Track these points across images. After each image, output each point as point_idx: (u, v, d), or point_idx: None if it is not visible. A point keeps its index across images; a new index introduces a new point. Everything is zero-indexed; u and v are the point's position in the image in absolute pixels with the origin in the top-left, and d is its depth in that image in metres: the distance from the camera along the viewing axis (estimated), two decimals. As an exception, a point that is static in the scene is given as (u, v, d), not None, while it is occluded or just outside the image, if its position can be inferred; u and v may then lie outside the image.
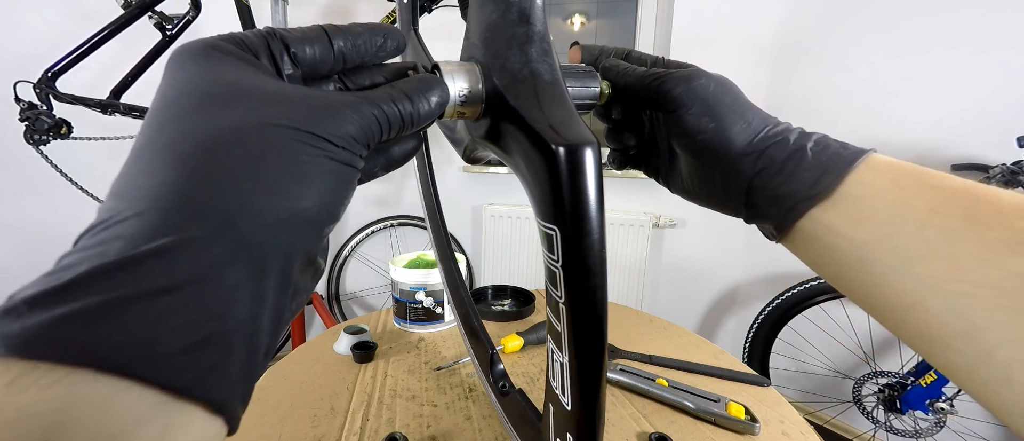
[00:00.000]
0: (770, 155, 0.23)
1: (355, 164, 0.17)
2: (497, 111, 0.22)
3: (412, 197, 1.80)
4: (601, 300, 0.20)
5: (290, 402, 0.50)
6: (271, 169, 0.14)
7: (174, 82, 0.15)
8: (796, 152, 0.23)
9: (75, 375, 0.10)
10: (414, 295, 0.67)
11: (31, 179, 1.26)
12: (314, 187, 0.15)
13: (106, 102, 1.05)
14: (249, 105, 0.15)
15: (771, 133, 0.24)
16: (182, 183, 0.13)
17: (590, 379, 0.21)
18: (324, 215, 0.16)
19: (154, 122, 0.15)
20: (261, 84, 0.16)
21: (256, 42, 0.17)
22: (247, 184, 0.14)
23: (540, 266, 1.67)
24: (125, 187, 0.14)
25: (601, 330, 0.20)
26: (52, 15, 1.25)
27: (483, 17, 0.23)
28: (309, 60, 0.18)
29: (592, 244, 0.19)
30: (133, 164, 0.14)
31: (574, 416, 0.22)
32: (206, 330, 0.12)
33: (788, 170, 0.23)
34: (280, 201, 0.14)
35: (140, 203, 0.13)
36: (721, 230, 1.60)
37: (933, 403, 1.10)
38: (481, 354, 0.40)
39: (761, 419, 0.47)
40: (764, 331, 1.36)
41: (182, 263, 0.12)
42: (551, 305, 0.22)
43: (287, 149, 0.15)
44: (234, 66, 0.16)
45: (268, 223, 0.14)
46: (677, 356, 0.61)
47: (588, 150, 0.18)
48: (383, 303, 1.87)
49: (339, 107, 0.16)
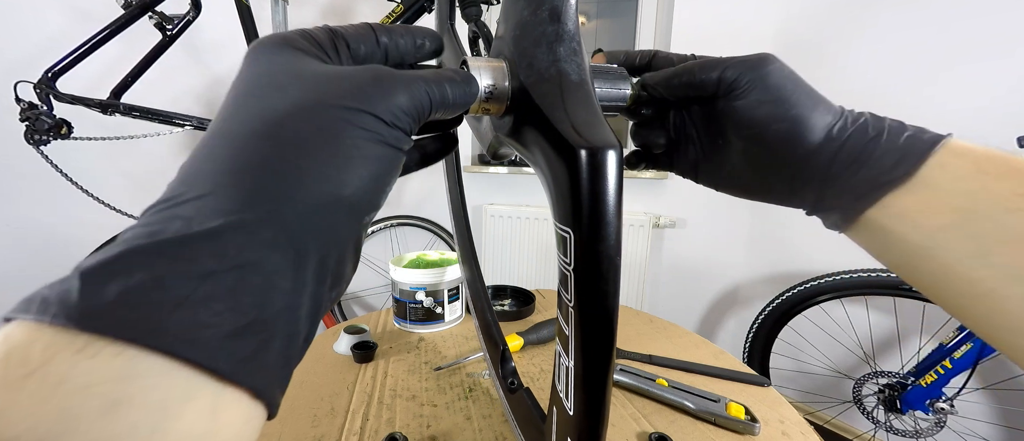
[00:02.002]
0: (850, 144, 0.22)
1: (402, 145, 0.17)
2: (521, 109, 0.22)
3: (412, 197, 1.80)
4: (611, 307, 0.19)
5: (290, 402, 0.50)
6: (316, 153, 0.15)
7: (244, 75, 0.17)
8: (874, 138, 0.21)
9: (130, 351, 0.11)
10: (414, 295, 0.67)
11: (31, 179, 1.26)
12: (356, 172, 0.15)
13: (106, 102, 1.05)
14: (304, 86, 0.15)
15: (850, 121, 0.23)
16: (237, 168, 0.14)
17: (594, 386, 0.21)
18: (365, 202, 0.16)
19: (224, 111, 0.16)
20: (321, 68, 0.17)
21: (322, 36, 0.18)
22: (292, 169, 0.14)
23: (540, 266, 1.68)
24: (191, 171, 0.14)
25: (609, 338, 0.20)
26: (52, 15, 1.25)
27: (514, 14, 0.23)
28: (361, 56, 0.19)
29: (606, 250, 0.18)
30: (201, 149, 0.15)
31: (577, 422, 0.22)
32: (248, 317, 0.12)
33: (864, 157, 0.21)
34: (322, 186, 0.14)
35: (201, 186, 0.13)
36: (721, 230, 1.60)
37: (933, 403, 1.10)
38: (492, 350, 0.41)
39: (761, 419, 0.47)
40: (764, 331, 1.36)
41: (230, 247, 0.12)
42: (561, 308, 0.22)
43: (334, 131, 0.15)
44: (301, 57, 0.17)
45: (309, 209, 0.14)
46: (677, 356, 0.61)
47: (610, 153, 0.18)
48: (383, 303, 1.87)
49: (391, 80, 0.17)
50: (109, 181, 1.28)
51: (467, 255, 0.46)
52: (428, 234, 1.78)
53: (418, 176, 1.78)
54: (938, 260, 0.19)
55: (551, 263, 1.68)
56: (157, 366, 0.11)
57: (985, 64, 1.09)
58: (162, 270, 0.12)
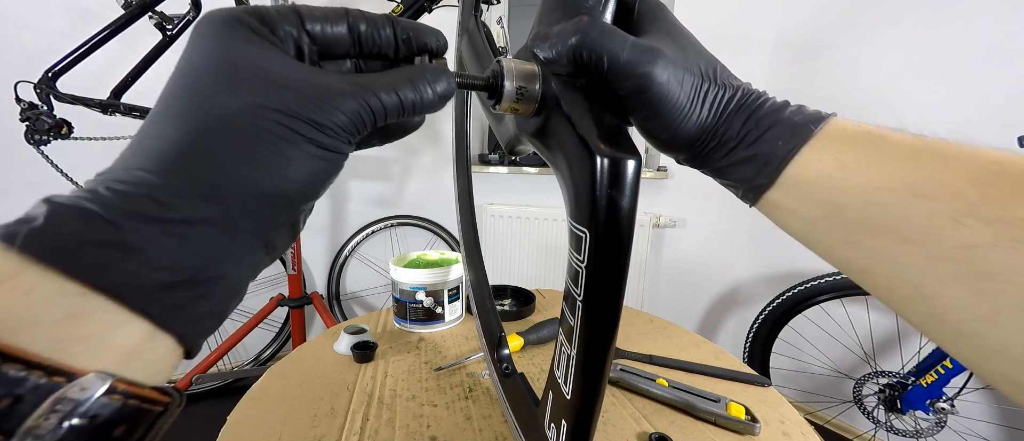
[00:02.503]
0: (721, 143, 0.22)
1: (341, 151, 0.18)
2: (549, 113, 0.23)
3: (412, 197, 1.80)
4: (617, 303, 0.21)
5: (290, 402, 0.50)
6: (260, 149, 0.16)
7: (192, 56, 0.17)
8: (738, 143, 0.22)
9: (84, 290, 0.13)
10: (414, 295, 0.67)
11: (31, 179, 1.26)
12: (298, 169, 0.17)
13: (106, 102, 1.05)
14: (252, 87, 0.16)
15: (720, 113, 0.22)
16: (183, 151, 0.15)
17: (593, 374, 0.22)
18: (302, 195, 0.18)
19: (170, 91, 0.17)
20: (268, 64, 0.17)
21: (274, 18, 0.18)
22: (236, 160, 0.16)
23: (540, 266, 1.68)
24: (141, 146, 0.16)
25: (612, 331, 0.22)
26: (52, 15, 1.25)
27: (550, 20, 0.24)
28: (324, 39, 0.19)
29: (618, 251, 0.20)
30: (150, 125, 0.16)
31: (573, 405, 0.24)
32: (183, 275, 0.15)
33: (733, 157, 0.22)
34: (264, 178, 0.16)
35: (149, 161, 0.15)
36: (721, 230, 1.60)
37: (934, 403, 1.10)
38: (490, 336, 0.42)
39: (761, 419, 0.47)
40: (764, 331, 1.36)
41: (176, 218, 0.15)
42: (568, 301, 0.23)
43: (277, 133, 0.16)
44: (248, 43, 0.17)
45: (250, 195, 0.16)
46: (677, 356, 0.61)
47: (630, 163, 0.19)
48: (383, 303, 1.87)
49: (333, 95, 0.17)
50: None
51: (469, 239, 0.47)
52: (428, 234, 1.78)
53: (418, 176, 1.78)
54: (816, 247, 0.21)
55: (551, 263, 1.68)
56: (104, 299, 0.13)
57: (986, 64, 1.09)
58: (120, 225, 0.14)
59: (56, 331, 0.13)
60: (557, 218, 1.63)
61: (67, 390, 0.12)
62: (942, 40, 1.14)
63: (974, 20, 1.09)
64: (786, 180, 0.21)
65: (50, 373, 0.12)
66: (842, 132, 0.20)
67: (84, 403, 0.12)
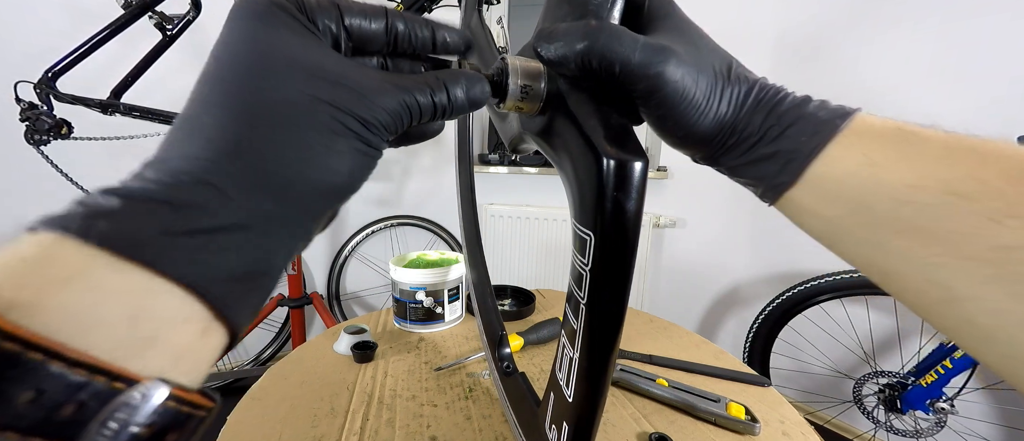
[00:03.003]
0: (742, 140, 0.22)
1: (380, 148, 0.19)
2: (555, 112, 0.23)
3: (412, 197, 1.80)
4: (621, 307, 0.20)
5: (290, 402, 0.50)
6: (314, 142, 0.16)
7: (229, 42, 0.17)
8: (759, 140, 0.21)
9: (152, 275, 0.13)
10: (414, 295, 0.67)
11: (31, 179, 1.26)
12: (346, 164, 0.17)
13: (106, 102, 1.05)
14: (298, 78, 0.16)
15: (740, 106, 0.22)
16: (241, 140, 0.15)
17: (596, 378, 0.22)
18: (350, 187, 0.18)
19: (214, 76, 0.16)
20: (309, 55, 0.17)
21: (314, 7, 0.18)
22: (292, 152, 0.16)
23: (540, 266, 1.68)
24: (195, 133, 0.15)
25: (615, 335, 0.21)
26: (52, 15, 1.25)
27: (557, 16, 0.23)
28: (360, 34, 0.19)
29: (624, 255, 0.19)
30: (199, 111, 0.16)
31: (575, 408, 0.23)
32: (246, 267, 0.15)
33: (753, 155, 0.21)
34: (316, 171, 0.17)
35: (207, 150, 0.15)
36: (721, 230, 1.60)
37: (934, 403, 1.10)
38: (491, 334, 0.42)
39: (761, 419, 0.47)
40: (764, 331, 1.36)
41: (237, 208, 0.15)
42: (571, 303, 0.23)
43: (330, 127, 0.17)
44: (288, 31, 0.17)
45: (304, 187, 0.16)
46: (677, 356, 0.61)
47: (637, 165, 0.19)
48: (383, 303, 1.87)
49: (379, 92, 0.18)
50: (109, 181, 1.27)
51: (471, 237, 0.47)
52: (428, 234, 1.78)
53: (418, 176, 1.78)
54: (839, 247, 0.20)
55: (551, 263, 1.68)
56: (176, 292, 0.14)
57: (987, 64, 1.09)
58: (191, 217, 0.14)
59: (119, 332, 0.12)
60: (557, 218, 1.63)
61: (128, 397, 0.12)
62: (942, 40, 1.14)
63: (975, 20, 1.09)
64: (810, 178, 0.20)
65: (112, 378, 0.12)
66: (870, 128, 0.19)
67: (144, 410, 0.12)
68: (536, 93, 0.23)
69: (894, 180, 0.17)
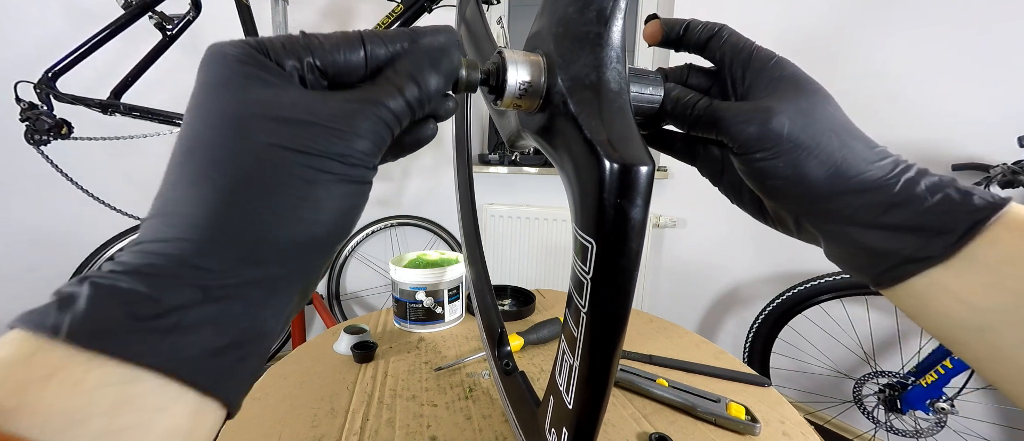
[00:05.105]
0: (868, 201, 0.19)
1: (367, 178, 0.18)
2: (555, 110, 0.21)
3: (412, 197, 1.80)
4: (623, 319, 0.19)
5: (290, 402, 0.50)
6: (287, 198, 0.16)
7: (199, 103, 0.16)
8: (903, 203, 0.18)
9: (130, 366, 0.13)
10: (414, 295, 0.67)
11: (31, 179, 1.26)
12: (326, 211, 0.16)
13: (106, 102, 1.05)
14: (265, 129, 0.15)
15: (867, 177, 0.20)
16: (214, 212, 0.15)
17: (596, 386, 0.21)
18: (336, 235, 0.17)
19: (188, 144, 0.16)
20: (277, 102, 0.16)
21: (279, 49, 0.17)
22: (266, 215, 0.15)
23: (540, 266, 1.68)
24: (169, 209, 0.15)
25: (616, 346, 0.20)
26: (52, 15, 1.25)
27: (557, 8, 0.22)
28: (337, 70, 0.18)
29: (627, 265, 0.18)
30: (175, 183, 0.16)
31: (575, 415, 0.22)
32: (228, 339, 0.15)
33: (894, 222, 0.19)
34: (296, 228, 0.16)
35: (181, 228, 0.15)
36: (721, 230, 1.60)
37: (934, 403, 1.10)
38: (491, 332, 0.42)
39: (761, 419, 0.47)
40: (764, 331, 1.35)
41: (214, 283, 0.14)
42: (571, 310, 0.22)
43: (301, 175, 0.16)
44: (255, 83, 0.16)
45: (285, 248, 0.16)
46: (677, 356, 0.61)
47: (642, 170, 0.17)
48: (383, 303, 1.87)
49: (350, 116, 0.16)
50: (109, 181, 1.28)
51: (470, 234, 0.47)
52: (428, 234, 1.78)
53: (418, 176, 1.78)
54: (988, 342, 0.17)
55: (551, 263, 1.68)
56: (153, 378, 0.13)
57: (989, 66, 1.09)
58: (160, 299, 0.14)
59: (102, 424, 0.12)
60: (557, 218, 1.63)
61: None
62: (943, 40, 1.14)
63: (976, 22, 1.09)
64: (968, 257, 0.17)
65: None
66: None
67: None
68: (536, 89, 0.21)
69: None
